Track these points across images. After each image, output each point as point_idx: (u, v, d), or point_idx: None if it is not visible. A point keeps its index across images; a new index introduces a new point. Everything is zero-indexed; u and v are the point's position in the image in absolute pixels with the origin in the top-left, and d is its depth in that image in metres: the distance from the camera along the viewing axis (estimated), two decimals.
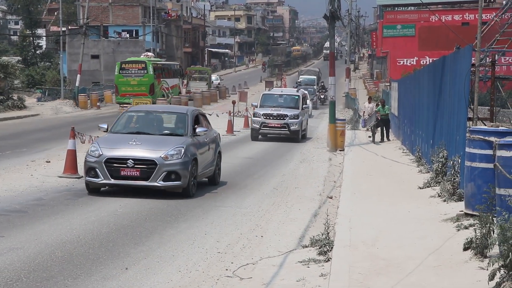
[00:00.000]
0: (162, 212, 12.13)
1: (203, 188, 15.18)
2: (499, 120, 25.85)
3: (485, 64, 19.31)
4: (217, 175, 15.72)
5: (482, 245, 7.70)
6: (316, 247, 9.31)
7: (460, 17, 53.91)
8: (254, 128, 28.04)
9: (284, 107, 28.63)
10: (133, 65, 44.14)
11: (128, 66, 44.07)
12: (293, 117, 27.82)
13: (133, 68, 43.83)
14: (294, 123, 27.70)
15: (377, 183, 15.91)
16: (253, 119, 28.23)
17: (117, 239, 9.96)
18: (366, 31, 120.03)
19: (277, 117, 27.78)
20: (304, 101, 30.31)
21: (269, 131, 28.08)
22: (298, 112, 28.17)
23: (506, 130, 10.02)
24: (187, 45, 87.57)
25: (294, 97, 29.88)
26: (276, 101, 29.46)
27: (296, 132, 27.89)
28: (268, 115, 27.85)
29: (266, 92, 31.76)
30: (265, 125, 27.77)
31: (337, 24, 32.85)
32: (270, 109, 28.22)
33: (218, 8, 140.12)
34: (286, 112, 27.95)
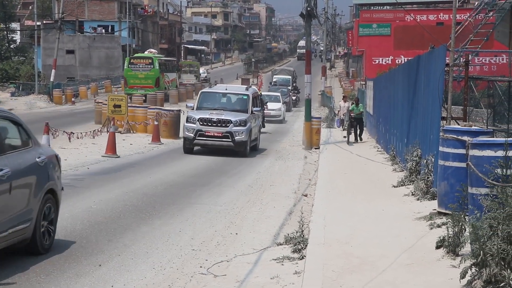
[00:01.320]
0: (136, 209, 12.08)
1: (179, 185, 15.16)
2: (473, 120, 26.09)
3: (459, 64, 19.46)
4: None
5: (454, 244, 7.78)
6: (291, 244, 9.34)
7: (435, 17, 54.30)
8: (186, 138, 21.59)
9: (229, 110, 22.43)
10: (141, 60, 48.87)
11: (136, 61, 48.78)
12: (239, 123, 21.43)
13: (141, 63, 48.39)
14: (240, 131, 21.38)
15: (352, 181, 16.00)
16: (186, 126, 21.59)
17: (90, 235, 9.91)
18: (342, 30, 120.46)
19: (218, 124, 21.41)
20: (256, 102, 23.85)
21: (207, 141, 21.55)
22: (246, 117, 21.79)
23: (478, 130, 10.15)
24: (163, 41, 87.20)
25: (242, 97, 23.13)
26: (219, 102, 23.04)
27: (242, 143, 21.48)
28: (206, 121, 21.44)
29: (205, 90, 24.64)
30: (202, 134, 21.31)
31: (314, 22, 32.93)
32: (209, 112, 21.83)
33: (194, 5, 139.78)
34: (230, 116, 21.64)
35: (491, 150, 7.81)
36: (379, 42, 55.40)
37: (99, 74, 66.27)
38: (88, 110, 37.71)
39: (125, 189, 14.16)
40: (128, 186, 14.55)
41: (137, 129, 27.94)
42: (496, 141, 8.12)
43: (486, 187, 7.54)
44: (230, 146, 21.50)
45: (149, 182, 15.30)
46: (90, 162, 18.17)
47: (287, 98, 48.13)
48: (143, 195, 13.53)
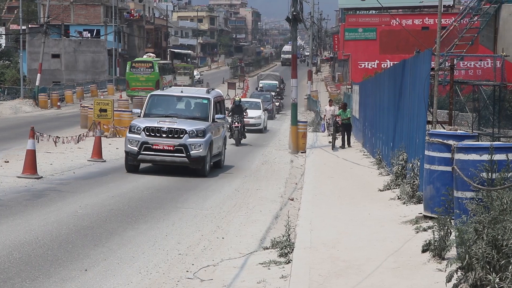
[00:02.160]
0: (122, 213, 12.04)
1: (165, 190, 15.13)
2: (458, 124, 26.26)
3: (444, 68, 19.58)
4: None
5: (440, 247, 7.80)
6: (277, 249, 9.34)
7: (420, 21, 54.57)
8: (129, 153, 17.38)
9: (184, 117, 18.42)
10: (142, 64, 52.38)
11: (137, 65, 52.28)
12: (195, 133, 17.33)
13: (142, 66, 51.99)
14: (197, 144, 17.19)
15: (338, 185, 16.03)
16: (128, 137, 17.52)
17: (76, 240, 9.86)
18: (328, 34, 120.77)
19: (169, 134, 17.29)
20: (220, 108, 19.79)
21: (155, 157, 17.28)
22: (205, 126, 17.66)
23: (464, 134, 10.19)
24: (149, 46, 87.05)
25: (202, 102, 19.00)
26: (172, 108, 19.00)
27: (199, 159, 17.25)
28: (154, 131, 17.33)
29: (156, 93, 20.20)
30: (148, 148, 17.22)
31: (300, 26, 32.99)
32: (157, 120, 17.74)
33: (180, 9, 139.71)
34: (185, 125, 17.48)
35: (476, 154, 7.84)
36: (365, 46, 55.60)
37: (85, 78, 66.06)
38: (73, 114, 37.56)
39: (111, 193, 14.11)
40: (114, 191, 14.51)
41: (123, 133, 27.84)
42: (481, 145, 8.16)
43: (471, 191, 7.57)
44: (184, 163, 17.27)
45: (135, 187, 15.26)
46: (76, 167, 18.09)
47: (270, 105, 45.19)
48: (129, 200, 13.49)
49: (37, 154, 16.14)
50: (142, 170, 17.88)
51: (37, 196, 13.27)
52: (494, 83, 22.98)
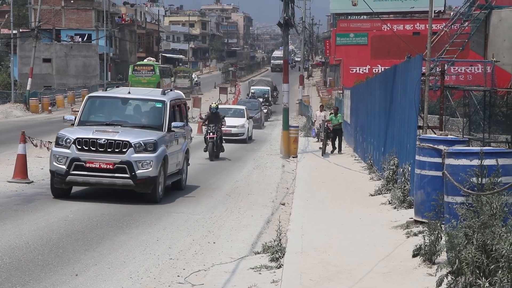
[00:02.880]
0: (113, 218, 12.02)
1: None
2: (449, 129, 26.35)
3: (435, 74, 19.67)
4: None
5: (431, 252, 7.82)
6: (268, 253, 9.35)
7: (411, 26, 54.77)
8: (55, 172, 13.59)
9: (131, 125, 14.63)
10: (143, 67, 56.47)
11: (139, 68, 56.46)
12: (143, 147, 13.57)
13: (144, 69, 56.04)
14: (145, 161, 13.47)
15: (330, 190, 16.05)
16: (54, 152, 13.75)
17: (67, 245, 9.84)
18: (320, 39, 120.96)
19: (108, 148, 13.47)
20: (180, 114, 16.10)
21: (89, 178, 13.48)
22: (156, 138, 13.90)
23: (454, 139, 10.23)
24: (141, 50, 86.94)
25: (154, 106, 15.18)
26: (117, 113, 15.19)
27: (148, 181, 13.51)
28: (88, 143, 13.51)
29: (95, 94, 16.76)
30: (80, 166, 13.44)
31: (291, 31, 33.04)
32: (93, 129, 13.84)
33: (172, 14, 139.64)
34: (129, 136, 13.68)
35: (466, 159, 7.87)
36: (356, 52, 55.73)
37: (76, 82, 65.90)
38: None
39: (102, 198, 14.08)
40: (106, 195, 14.47)
41: None
42: (472, 150, 8.20)
43: (461, 196, 7.59)
44: (128, 186, 13.54)
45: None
46: None
47: (258, 113, 41.49)
48: (121, 204, 13.46)
49: (28, 158, 16.10)
50: None
51: (27, 201, 13.23)
52: (484, 89, 23.08)
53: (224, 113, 30.64)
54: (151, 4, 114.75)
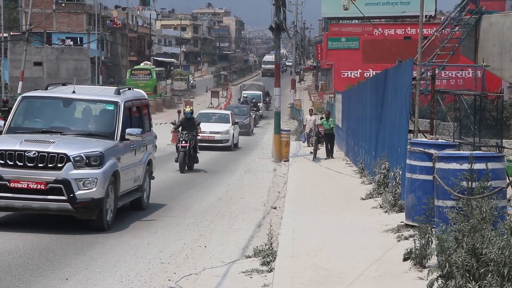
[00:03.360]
0: None
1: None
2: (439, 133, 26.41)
3: (426, 78, 19.73)
4: None
5: (421, 256, 7.85)
6: (260, 257, 9.35)
7: (403, 31, 54.94)
8: None
9: (73, 132, 12.06)
10: (140, 71, 59.03)
11: (136, 72, 59.02)
12: (84, 161, 10.98)
13: (141, 73, 58.54)
14: (88, 178, 10.95)
15: (321, 194, 16.07)
16: None
17: (57, 249, 9.81)
18: (312, 43, 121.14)
19: (39, 163, 10.81)
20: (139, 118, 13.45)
21: (13, 202, 10.88)
22: (102, 149, 11.36)
23: (445, 143, 10.28)
24: (132, 54, 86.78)
25: (105, 108, 12.55)
26: (57, 117, 12.59)
27: (90, 204, 10.94)
28: (13, 157, 10.88)
29: (30, 94, 13.42)
30: (2, 186, 10.80)
31: (283, 35, 33.08)
32: (22, 139, 11.25)
33: (164, 17, 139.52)
34: (67, 147, 11.12)
35: (457, 163, 7.91)
36: (347, 56, 55.87)
37: None
38: None
39: None
40: None
41: None
42: (462, 154, 8.25)
43: (452, 200, 7.63)
44: (66, 211, 10.94)
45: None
46: None
47: (246, 119, 39.72)
48: None
49: None
50: None
51: None
52: (475, 93, 23.17)
53: (208, 118, 30.59)
54: (143, 8, 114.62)
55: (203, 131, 26.01)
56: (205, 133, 27.04)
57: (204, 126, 26.24)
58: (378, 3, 56.92)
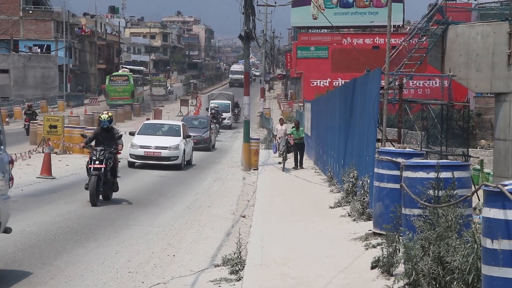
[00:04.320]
0: (72, 231, 11.88)
1: (116, 207, 14.98)
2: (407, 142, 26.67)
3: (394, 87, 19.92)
4: None
5: (389, 264, 7.89)
6: (228, 266, 9.34)
7: (371, 40, 55.42)
8: None
9: None
10: (119, 77, 63.11)
11: (115, 78, 63.05)
12: None
13: (119, 79, 62.65)
14: None
15: (290, 202, 16.10)
16: None
17: (23, 259, 9.69)
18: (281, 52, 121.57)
19: None
20: None
21: None
22: None
23: (412, 152, 10.37)
24: (101, 62, 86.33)
25: None
26: None
27: None
28: None
29: None
30: None
31: (252, 44, 33.15)
32: None
33: (133, 25, 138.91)
34: None
35: (423, 172, 7.98)
36: (317, 65, 56.14)
37: (34, 94, 65.11)
38: (23, 130, 36.94)
39: (60, 211, 13.92)
40: (63, 208, 14.30)
41: (74, 150, 27.52)
42: (428, 163, 8.32)
43: (419, 208, 7.69)
44: None
45: (85, 204, 15.06)
46: (24, 184, 17.79)
47: (206, 133, 33.91)
48: (79, 217, 13.32)
49: None
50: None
51: None
52: (442, 102, 23.43)
53: (155, 130, 25.75)
54: (112, 16, 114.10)
55: (147, 145, 23.71)
56: (150, 148, 23.80)
57: (149, 140, 24.10)
58: (347, 12, 57.37)
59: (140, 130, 25.86)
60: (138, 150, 23.92)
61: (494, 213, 4.94)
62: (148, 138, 24.49)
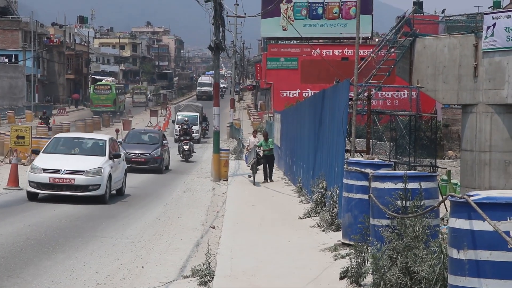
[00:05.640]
0: (39, 243, 11.74)
1: (85, 218, 14.85)
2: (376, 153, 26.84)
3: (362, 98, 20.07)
4: None
5: (357, 274, 7.93)
6: (197, 277, 9.30)
7: (340, 52, 55.86)
8: None
9: None
10: (102, 86, 69.13)
11: (99, 87, 69.12)
12: None
13: (103, 88, 68.63)
14: None
15: (259, 213, 16.11)
16: None
17: None
18: (251, 63, 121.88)
19: None
20: None
21: None
22: None
23: (381, 163, 10.46)
24: (69, 72, 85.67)
25: None
26: None
27: None
28: None
29: None
30: None
31: (222, 55, 33.17)
32: None
33: (102, 35, 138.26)
34: None
35: (391, 182, 8.04)
36: (286, 76, 56.39)
37: (1, 104, 64.34)
38: None
39: (27, 222, 13.75)
40: (30, 219, 14.13)
41: None
42: (396, 174, 8.39)
43: (387, 219, 7.75)
44: None
45: (53, 215, 14.91)
46: None
47: (157, 151, 27.51)
48: (47, 229, 13.17)
49: None
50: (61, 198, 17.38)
51: None
52: (410, 113, 23.67)
53: (70, 146, 18.83)
54: (81, 26, 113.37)
55: (55, 169, 17.03)
56: (59, 173, 16.99)
57: (59, 161, 17.41)
58: (317, 24, 57.76)
59: (47, 147, 18.77)
60: (41, 176, 17.08)
61: (460, 223, 5.00)
62: (55, 157, 17.82)
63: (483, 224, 4.82)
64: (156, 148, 27.90)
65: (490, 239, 4.81)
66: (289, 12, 57.41)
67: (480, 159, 22.50)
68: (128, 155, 26.13)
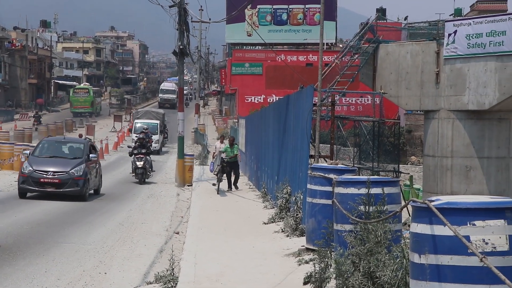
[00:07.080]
0: None
1: (47, 224, 14.66)
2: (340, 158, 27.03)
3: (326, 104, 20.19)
4: None
5: (321, 279, 7.95)
6: (161, 283, 9.25)
7: (305, 58, 56.14)
8: None
9: None
10: (81, 90, 75.17)
11: (78, 90, 75.17)
12: None
13: (81, 92, 74.46)
14: None
15: (224, 218, 16.08)
16: None
17: None
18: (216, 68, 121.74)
19: None
20: None
21: None
22: None
23: (344, 168, 10.52)
24: (32, 76, 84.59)
25: None
26: None
27: None
28: None
29: None
30: None
31: (187, 60, 33.08)
32: None
33: (65, 40, 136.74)
34: None
35: (354, 188, 8.10)
36: (251, 81, 56.49)
37: None
38: None
39: None
40: None
41: (3, 166, 26.84)
42: (359, 179, 8.45)
43: (350, 224, 7.79)
44: None
45: (14, 221, 14.70)
46: None
47: (77, 168, 19.45)
48: (7, 235, 12.98)
49: None
50: (23, 204, 17.18)
51: None
52: (373, 119, 23.88)
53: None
54: (44, 30, 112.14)
55: None
56: None
57: None
58: (281, 30, 57.99)
59: None
60: None
61: (422, 228, 5.05)
62: None
63: (444, 229, 4.87)
64: (78, 165, 19.76)
65: (451, 244, 4.87)
66: (253, 18, 57.56)
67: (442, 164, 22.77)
68: (36, 174, 19.01)
